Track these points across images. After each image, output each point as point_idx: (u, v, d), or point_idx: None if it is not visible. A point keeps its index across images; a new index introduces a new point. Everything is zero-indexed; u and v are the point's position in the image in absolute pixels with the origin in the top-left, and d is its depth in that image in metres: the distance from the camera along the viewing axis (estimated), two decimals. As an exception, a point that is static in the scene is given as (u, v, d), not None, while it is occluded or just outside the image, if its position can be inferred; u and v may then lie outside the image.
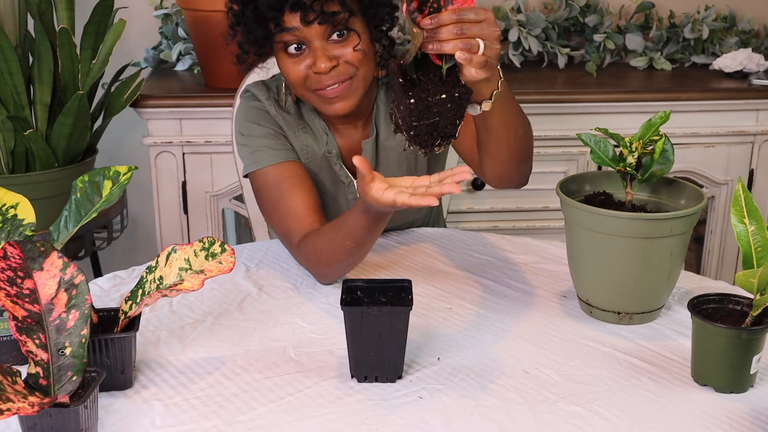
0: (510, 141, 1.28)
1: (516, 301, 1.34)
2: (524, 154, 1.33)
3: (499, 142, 1.28)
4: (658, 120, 1.24)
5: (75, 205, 1.13)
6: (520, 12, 2.48)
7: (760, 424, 1.02)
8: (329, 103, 1.40)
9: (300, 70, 1.37)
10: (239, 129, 1.51)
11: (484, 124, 1.24)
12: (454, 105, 1.08)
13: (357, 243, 1.29)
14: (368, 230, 1.27)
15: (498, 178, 1.36)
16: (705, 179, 2.36)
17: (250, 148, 1.48)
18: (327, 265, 1.35)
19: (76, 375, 0.97)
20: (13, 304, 0.95)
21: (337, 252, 1.31)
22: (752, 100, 2.29)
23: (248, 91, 1.54)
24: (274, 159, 1.45)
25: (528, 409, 1.05)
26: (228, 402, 1.06)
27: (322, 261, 1.35)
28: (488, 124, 1.24)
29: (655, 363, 1.15)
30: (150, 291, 1.07)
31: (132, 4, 2.39)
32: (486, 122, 1.23)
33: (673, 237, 1.19)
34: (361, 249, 1.31)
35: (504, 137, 1.27)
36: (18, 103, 2.05)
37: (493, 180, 1.37)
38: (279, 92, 1.52)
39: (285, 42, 1.36)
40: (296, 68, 1.38)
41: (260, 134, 1.47)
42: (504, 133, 1.26)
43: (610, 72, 2.48)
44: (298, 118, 1.51)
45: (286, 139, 1.50)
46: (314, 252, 1.35)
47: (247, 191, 1.96)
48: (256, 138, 1.47)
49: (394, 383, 1.10)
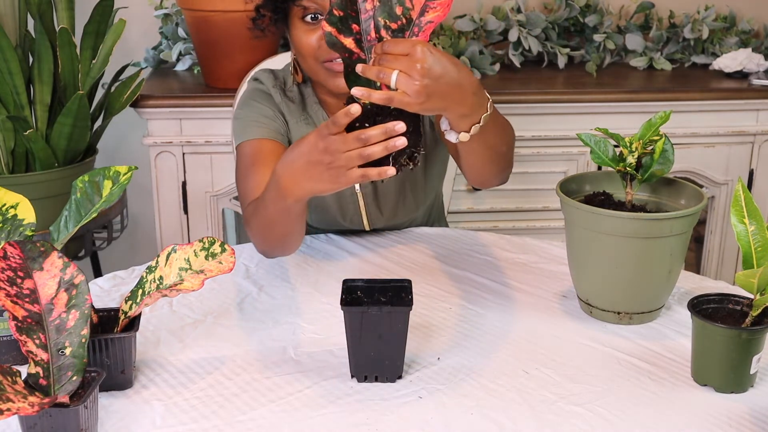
0: (492, 158, 1.30)
1: (516, 301, 1.34)
2: (504, 165, 1.36)
3: (480, 160, 1.30)
4: (658, 120, 1.24)
5: (75, 205, 1.13)
6: (520, 12, 2.48)
7: (760, 424, 1.02)
8: (336, 76, 1.41)
9: (312, 40, 1.40)
10: (239, 106, 1.54)
11: (464, 146, 1.23)
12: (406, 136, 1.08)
13: (273, 218, 1.27)
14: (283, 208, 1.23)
15: (478, 183, 1.40)
16: (705, 179, 2.36)
17: (242, 122, 1.50)
18: (254, 234, 1.34)
19: (76, 375, 0.97)
20: (13, 304, 0.95)
21: (260, 220, 1.30)
22: (752, 100, 2.29)
23: (257, 78, 1.57)
24: (259, 134, 1.47)
25: (528, 409, 1.05)
26: (228, 402, 1.06)
27: (251, 228, 1.34)
28: (468, 147, 1.23)
29: (655, 363, 1.15)
30: (150, 291, 1.07)
31: (132, 4, 2.39)
32: (465, 146, 1.22)
33: (673, 237, 1.19)
34: (277, 226, 1.28)
35: (485, 156, 1.29)
36: (18, 103, 2.05)
37: (474, 183, 1.41)
38: (286, 82, 1.55)
39: (304, 7, 1.39)
40: (309, 38, 1.41)
41: (256, 112, 1.50)
42: (485, 153, 1.28)
43: (610, 72, 2.48)
44: (301, 109, 1.53)
45: (283, 124, 1.52)
46: (249, 215, 1.35)
47: (247, 191, 1.96)
48: (251, 114, 1.50)
49: (394, 383, 1.10)
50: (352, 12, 1.07)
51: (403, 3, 1.07)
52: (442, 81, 1.07)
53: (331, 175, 1.11)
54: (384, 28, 1.07)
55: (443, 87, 1.07)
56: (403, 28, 1.07)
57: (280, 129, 1.50)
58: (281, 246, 1.35)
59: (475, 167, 1.33)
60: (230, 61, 2.16)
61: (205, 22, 2.14)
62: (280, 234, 1.30)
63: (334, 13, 1.08)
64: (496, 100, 2.20)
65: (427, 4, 1.07)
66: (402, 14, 1.07)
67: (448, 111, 1.13)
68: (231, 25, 2.11)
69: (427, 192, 1.63)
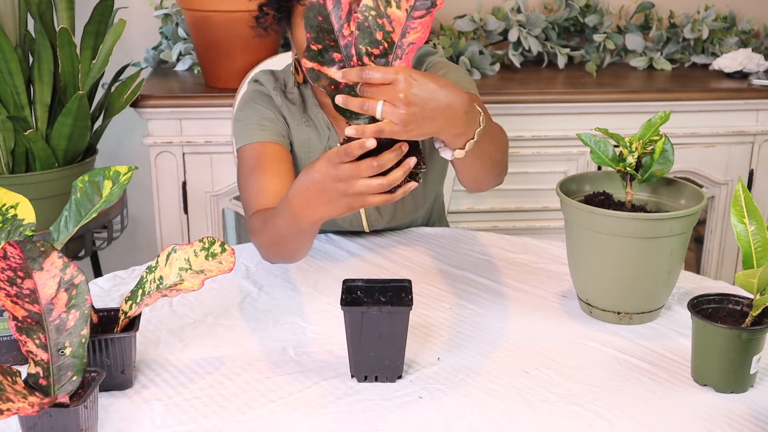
0: (488, 167, 1.32)
1: (516, 301, 1.34)
2: (499, 171, 1.38)
3: (476, 170, 1.31)
4: (658, 120, 1.24)
5: (75, 205, 1.13)
6: (520, 12, 2.48)
7: (760, 424, 1.02)
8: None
9: None
10: (239, 108, 1.54)
11: (459, 161, 1.21)
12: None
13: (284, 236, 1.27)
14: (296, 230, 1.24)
15: (475, 189, 1.42)
16: (705, 179, 2.36)
17: (243, 124, 1.50)
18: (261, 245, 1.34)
19: (76, 375, 0.97)
20: (13, 304, 0.95)
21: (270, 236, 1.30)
22: (752, 100, 2.29)
23: (257, 80, 1.57)
24: (262, 138, 1.47)
25: (528, 409, 1.05)
26: (228, 402, 1.06)
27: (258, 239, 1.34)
28: (464, 162, 1.23)
29: (655, 363, 1.15)
30: (150, 291, 1.07)
31: (132, 4, 2.39)
32: (461, 161, 1.20)
33: (672, 237, 1.19)
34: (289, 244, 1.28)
35: (481, 167, 1.30)
36: (18, 103, 2.05)
37: (470, 189, 1.42)
38: (287, 84, 1.54)
39: None
40: None
41: (257, 114, 1.50)
42: (481, 164, 1.29)
43: (610, 72, 2.48)
44: (302, 111, 1.53)
45: (284, 126, 1.52)
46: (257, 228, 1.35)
47: (247, 191, 1.96)
48: (252, 117, 1.50)
49: (394, 383, 1.10)
50: (331, 42, 1.04)
51: (382, 27, 1.02)
52: (429, 106, 1.04)
53: (348, 202, 1.10)
54: (366, 54, 1.04)
55: (432, 112, 1.05)
56: (386, 52, 1.04)
57: (282, 131, 1.50)
58: (289, 258, 1.35)
59: (471, 177, 1.34)
60: (230, 61, 2.16)
61: (205, 22, 2.14)
62: (291, 250, 1.31)
63: (312, 48, 1.04)
64: (496, 100, 2.23)
65: (408, 24, 1.02)
66: (383, 38, 1.03)
67: (441, 133, 1.11)
68: (231, 25, 2.11)
69: (427, 194, 1.63)
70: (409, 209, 1.60)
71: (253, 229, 1.37)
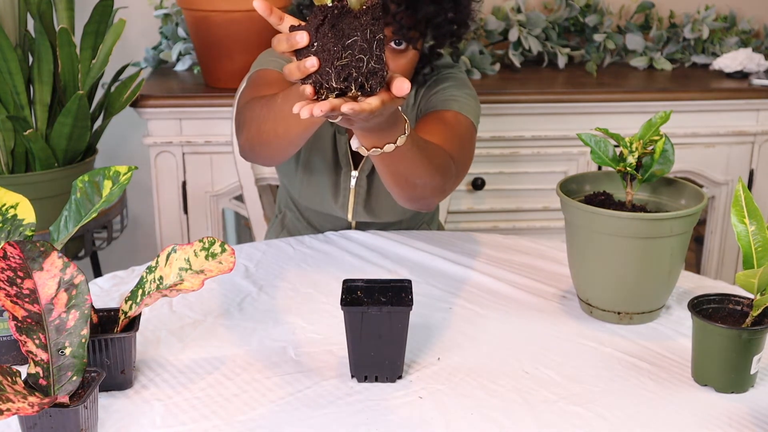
0: (399, 183, 1.27)
1: (516, 301, 1.34)
2: (415, 195, 1.31)
3: (385, 178, 1.27)
4: (658, 120, 1.24)
5: (75, 205, 1.13)
6: (520, 12, 2.48)
7: (760, 424, 1.02)
8: None
9: None
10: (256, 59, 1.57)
11: (375, 158, 1.18)
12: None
13: (284, 118, 1.23)
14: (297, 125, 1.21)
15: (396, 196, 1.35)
16: (705, 179, 2.36)
17: (258, 61, 1.54)
18: (249, 121, 1.32)
19: (76, 375, 0.97)
20: (13, 304, 0.95)
21: (266, 116, 1.27)
22: (752, 100, 2.29)
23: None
24: (276, 66, 1.50)
25: (528, 409, 1.05)
26: (228, 402, 1.06)
27: (245, 127, 1.33)
28: (377, 164, 1.21)
29: (655, 363, 1.15)
30: (150, 291, 1.07)
31: (132, 4, 2.39)
32: (374, 158, 1.18)
33: (673, 237, 1.19)
34: (281, 126, 1.25)
35: (389, 178, 1.26)
36: (18, 103, 2.05)
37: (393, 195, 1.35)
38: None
39: None
40: None
41: (275, 55, 1.52)
42: (388, 176, 1.25)
43: (610, 72, 2.48)
44: None
45: None
46: (252, 105, 1.33)
47: (247, 191, 1.96)
48: (269, 56, 1.53)
49: (394, 383, 1.10)
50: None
51: None
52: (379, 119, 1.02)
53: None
54: None
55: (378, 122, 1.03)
56: None
57: None
58: (269, 145, 1.29)
59: (386, 182, 1.29)
60: (230, 61, 2.16)
61: (205, 22, 2.14)
62: (280, 132, 1.25)
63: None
64: (496, 100, 2.23)
65: None
66: None
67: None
68: (231, 25, 2.11)
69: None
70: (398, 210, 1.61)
71: (244, 107, 1.35)
